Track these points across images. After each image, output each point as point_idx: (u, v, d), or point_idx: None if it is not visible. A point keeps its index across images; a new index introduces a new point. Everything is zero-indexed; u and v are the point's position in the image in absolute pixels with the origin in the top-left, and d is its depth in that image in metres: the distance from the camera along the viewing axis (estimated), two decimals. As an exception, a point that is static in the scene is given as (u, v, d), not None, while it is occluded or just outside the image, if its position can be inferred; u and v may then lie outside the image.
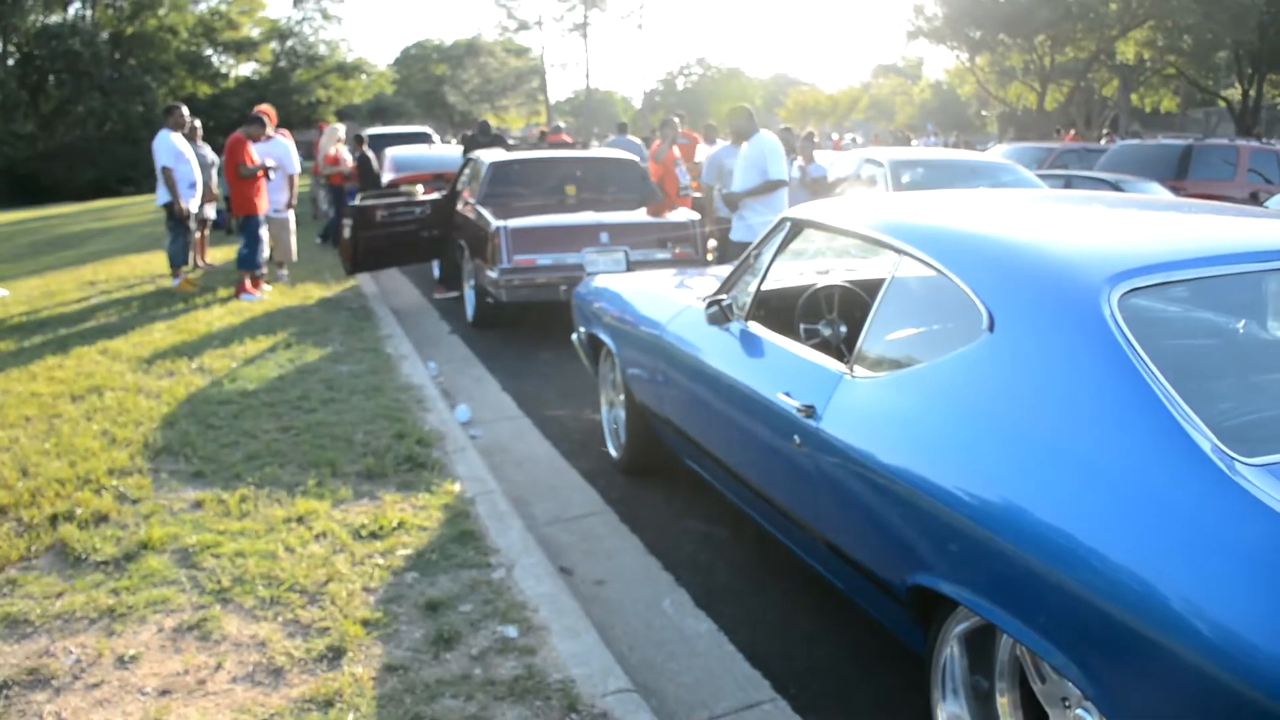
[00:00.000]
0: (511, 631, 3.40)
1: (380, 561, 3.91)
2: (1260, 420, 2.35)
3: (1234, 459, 1.99)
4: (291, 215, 11.05)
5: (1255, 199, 12.24)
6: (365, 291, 10.39)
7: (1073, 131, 30.55)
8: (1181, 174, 14.15)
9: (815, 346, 3.56)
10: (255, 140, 9.81)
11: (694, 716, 3.11)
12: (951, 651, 2.61)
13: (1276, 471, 1.97)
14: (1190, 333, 2.95)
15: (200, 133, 11.68)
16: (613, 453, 5.27)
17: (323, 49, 48.22)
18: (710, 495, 4.72)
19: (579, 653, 3.28)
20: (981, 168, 9.19)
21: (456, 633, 3.38)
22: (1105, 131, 28.09)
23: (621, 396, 4.97)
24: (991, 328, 2.57)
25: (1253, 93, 36.19)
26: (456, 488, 4.66)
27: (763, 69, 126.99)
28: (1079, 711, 2.29)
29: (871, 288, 3.25)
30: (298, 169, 11.32)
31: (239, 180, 9.56)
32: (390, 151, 14.67)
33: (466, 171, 9.99)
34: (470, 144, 13.21)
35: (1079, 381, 2.32)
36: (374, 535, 4.14)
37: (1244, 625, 1.77)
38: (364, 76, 50.38)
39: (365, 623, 3.44)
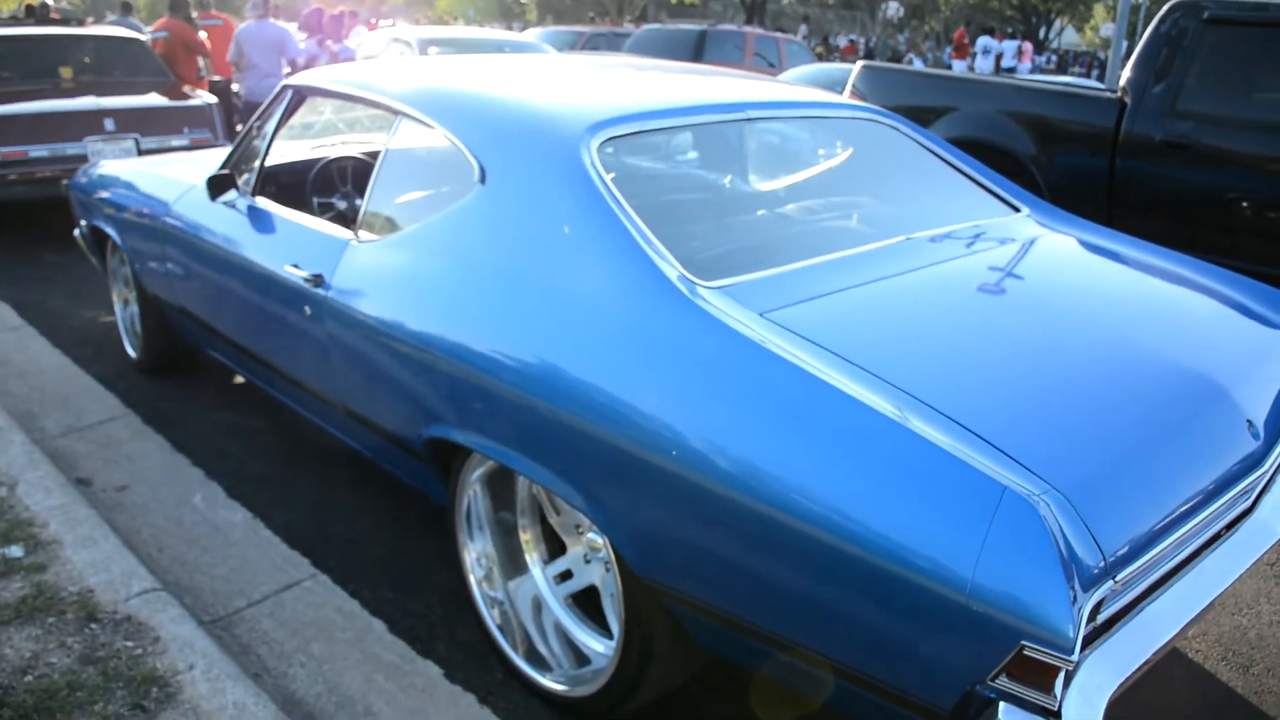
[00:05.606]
0: (16, 551, 3.10)
1: None
2: (722, 253, 2.61)
3: (695, 283, 2.20)
4: None
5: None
6: None
7: (608, 18, 31.79)
8: (698, 56, 15.27)
9: (331, 220, 3.47)
10: None
11: (232, 605, 3.03)
12: (474, 494, 2.71)
13: (729, 291, 2.21)
14: (666, 178, 3.20)
15: None
16: (132, 353, 4.88)
17: None
18: (238, 385, 4.55)
19: (97, 561, 3.06)
20: (508, 46, 9.32)
21: (-53, 564, 3.03)
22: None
23: (134, 292, 4.60)
24: (483, 180, 2.63)
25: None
26: (-59, 408, 4.12)
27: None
28: (590, 535, 2.48)
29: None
30: None
31: None
32: None
33: (-66, 55, 8.61)
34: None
35: (562, 225, 2.44)
36: None
37: (709, 429, 1.96)
38: None
39: None
